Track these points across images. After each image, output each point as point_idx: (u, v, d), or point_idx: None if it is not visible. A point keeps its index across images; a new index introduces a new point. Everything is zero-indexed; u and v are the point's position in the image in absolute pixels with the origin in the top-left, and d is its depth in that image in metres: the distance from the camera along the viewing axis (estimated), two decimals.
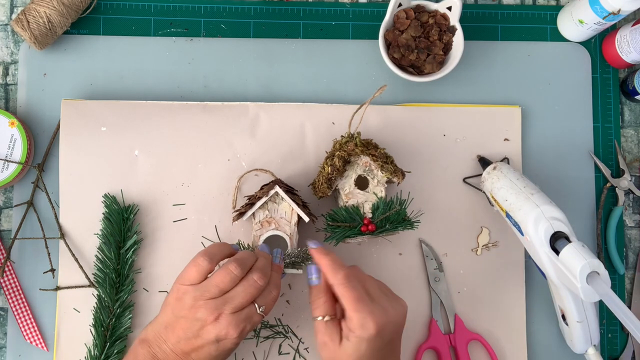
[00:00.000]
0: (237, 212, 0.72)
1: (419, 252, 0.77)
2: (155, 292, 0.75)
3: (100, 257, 0.74)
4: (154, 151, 0.77)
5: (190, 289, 0.62)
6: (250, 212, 0.70)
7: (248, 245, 0.69)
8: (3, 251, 0.76)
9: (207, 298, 0.61)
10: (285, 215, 0.70)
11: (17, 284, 0.75)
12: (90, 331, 0.73)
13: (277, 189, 0.69)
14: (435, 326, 0.76)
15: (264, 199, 0.69)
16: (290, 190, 0.72)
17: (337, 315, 0.62)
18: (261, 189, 0.73)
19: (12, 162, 0.74)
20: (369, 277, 0.64)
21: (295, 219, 0.70)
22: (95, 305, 0.74)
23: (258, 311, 0.62)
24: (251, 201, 0.71)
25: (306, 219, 0.69)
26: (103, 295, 0.73)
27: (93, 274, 0.74)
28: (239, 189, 0.76)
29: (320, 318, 0.62)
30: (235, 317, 0.61)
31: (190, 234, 0.76)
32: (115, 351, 0.73)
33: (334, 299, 0.62)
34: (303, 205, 0.71)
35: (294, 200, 0.69)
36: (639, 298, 0.79)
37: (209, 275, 0.63)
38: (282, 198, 0.70)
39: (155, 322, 0.64)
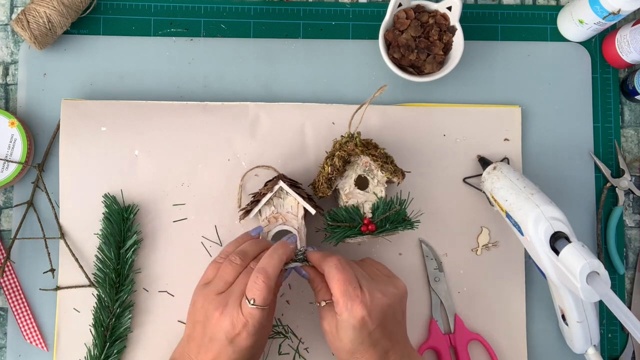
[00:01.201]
0: (243, 211, 0.72)
1: (419, 252, 0.77)
2: (155, 292, 0.75)
3: (100, 257, 0.74)
4: (154, 151, 0.77)
5: (200, 288, 0.62)
6: (256, 210, 0.70)
7: None
8: (3, 251, 0.76)
9: (215, 293, 0.60)
10: (291, 209, 0.70)
11: (17, 284, 0.75)
12: (90, 331, 0.73)
13: (281, 183, 0.69)
14: (435, 326, 0.76)
15: (269, 195, 0.69)
16: (294, 184, 0.72)
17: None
18: (265, 185, 0.73)
19: (12, 162, 0.74)
20: (359, 266, 0.65)
21: (301, 212, 0.70)
22: (95, 305, 0.74)
23: (249, 305, 0.58)
24: (256, 198, 0.71)
25: (312, 211, 0.69)
26: (103, 295, 0.73)
27: (93, 274, 0.74)
28: (243, 188, 0.76)
29: (318, 304, 0.63)
30: (237, 309, 0.59)
31: (190, 234, 0.76)
32: (115, 351, 0.73)
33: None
34: (308, 198, 0.71)
35: (299, 194, 0.69)
36: (639, 298, 0.79)
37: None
38: (287, 193, 0.70)
39: (181, 339, 0.64)
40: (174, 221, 0.76)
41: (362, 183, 0.72)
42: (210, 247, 0.75)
